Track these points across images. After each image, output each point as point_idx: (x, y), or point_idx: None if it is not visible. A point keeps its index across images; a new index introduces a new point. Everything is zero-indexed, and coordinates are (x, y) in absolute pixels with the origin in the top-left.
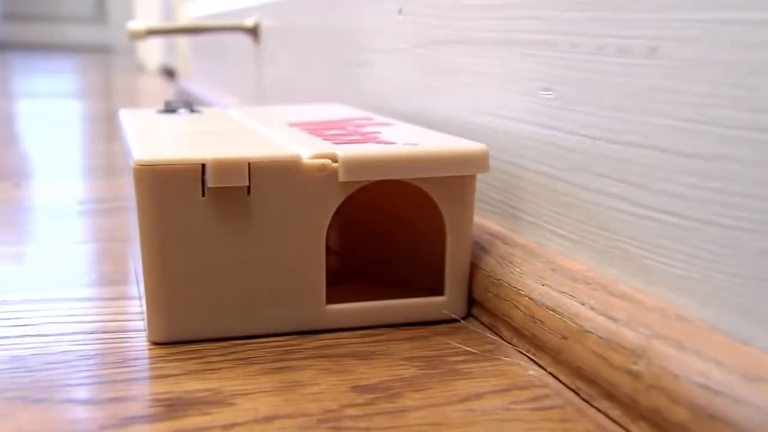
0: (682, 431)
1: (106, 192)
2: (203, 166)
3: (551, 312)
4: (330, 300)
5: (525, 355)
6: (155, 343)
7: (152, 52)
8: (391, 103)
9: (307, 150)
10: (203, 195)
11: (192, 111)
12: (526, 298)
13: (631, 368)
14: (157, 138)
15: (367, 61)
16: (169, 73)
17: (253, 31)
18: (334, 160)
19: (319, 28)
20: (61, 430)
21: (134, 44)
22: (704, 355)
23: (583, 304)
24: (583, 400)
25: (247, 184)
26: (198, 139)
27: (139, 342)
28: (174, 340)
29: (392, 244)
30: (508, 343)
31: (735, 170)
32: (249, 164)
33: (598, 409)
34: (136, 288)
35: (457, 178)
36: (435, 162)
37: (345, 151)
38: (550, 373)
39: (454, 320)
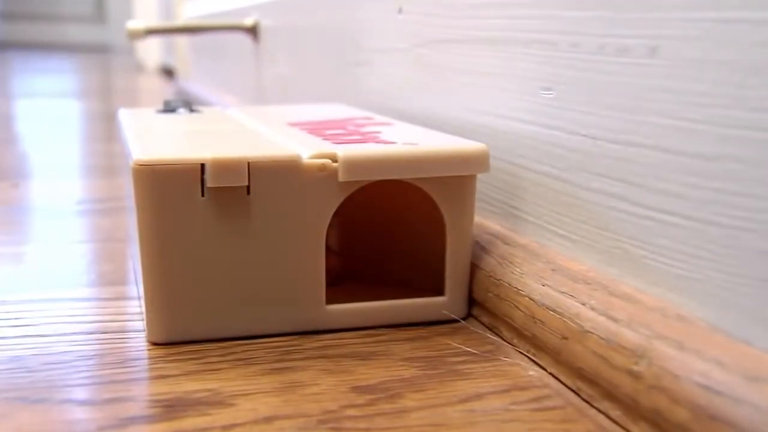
0: (683, 431)
1: (105, 192)
2: (203, 166)
3: (552, 312)
4: (330, 300)
5: (525, 355)
6: (155, 344)
7: (151, 52)
8: (391, 103)
9: (306, 150)
10: (203, 195)
11: (191, 111)
12: (527, 299)
13: (632, 368)
14: (157, 138)
15: (367, 61)
16: (168, 72)
17: (253, 31)
18: (334, 160)
19: (319, 28)
20: (60, 430)
21: (133, 44)
22: (705, 355)
23: (584, 305)
24: (584, 400)
25: (247, 184)
26: (197, 139)
27: (138, 342)
28: (173, 340)
29: (392, 244)
30: (509, 343)
31: (735, 170)
32: (248, 164)
33: (599, 410)
34: (136, 288)
35: (457, 178)
36: (435, 162)
37: (345, 151)
38: (550, 374)
39: (455, 320)
